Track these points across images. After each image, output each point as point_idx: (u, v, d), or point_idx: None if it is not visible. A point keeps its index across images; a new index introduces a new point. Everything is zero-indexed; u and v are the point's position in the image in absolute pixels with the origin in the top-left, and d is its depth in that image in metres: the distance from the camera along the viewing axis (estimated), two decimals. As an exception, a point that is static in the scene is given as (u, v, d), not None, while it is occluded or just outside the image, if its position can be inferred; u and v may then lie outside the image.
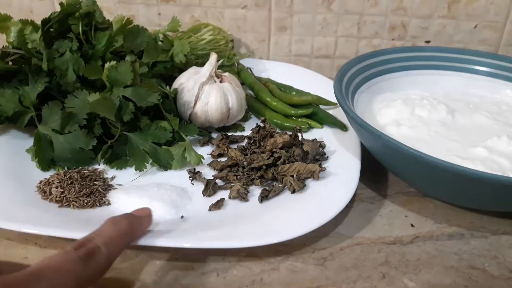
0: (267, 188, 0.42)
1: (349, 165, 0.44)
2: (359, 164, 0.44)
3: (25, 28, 0.49)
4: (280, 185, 0.42)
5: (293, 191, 0.41)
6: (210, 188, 0.42)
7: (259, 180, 0.43)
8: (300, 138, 0.47)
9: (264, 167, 0.44)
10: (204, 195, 0.42)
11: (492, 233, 0.40)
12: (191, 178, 0.44)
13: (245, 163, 0.45)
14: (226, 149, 0.47)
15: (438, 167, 0.34)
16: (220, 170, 0.45)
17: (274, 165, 0.44)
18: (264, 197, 0.41)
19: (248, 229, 0.37)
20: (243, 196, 0.41)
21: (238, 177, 0.44)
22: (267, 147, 0.45)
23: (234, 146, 0.49)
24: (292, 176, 0.42)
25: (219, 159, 0.47)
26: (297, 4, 0.65)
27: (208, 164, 0.46)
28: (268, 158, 0.44)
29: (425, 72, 0.56)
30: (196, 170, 0.45)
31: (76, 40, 0.49)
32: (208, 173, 0.45)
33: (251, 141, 0.48)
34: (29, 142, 0.46)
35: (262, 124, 0.49)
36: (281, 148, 0.45)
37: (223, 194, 0.42)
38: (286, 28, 0.68)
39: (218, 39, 0.63)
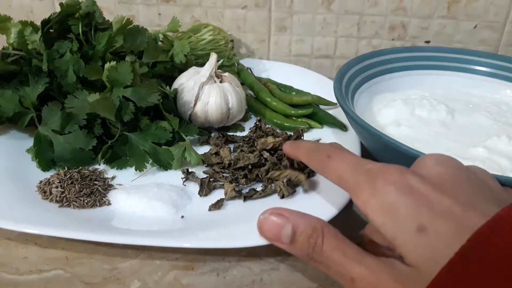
0: (255, 188, 0.42)
1: (349, 165, 0.44)
2: (359, 164, 0.44)
3: (25, 29, 0.49)
4: (272, 187, 0.42)
5: (282, 196, 0.40)
6: (205, 187, 0.42)
7: (244, 179, 0.43)
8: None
9: (249, 166, 0.43)
10: (200, 195, 0.42)
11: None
12: (183, 179, 0.44)
13: (232, 162, 0.45)
14: (221, 146, 0.47)
15: (438, 167, 0.34)
16: (210, 165, 0.45)
17: (259, 166, 0.43)
18: (247, 197, 0.41)
19: (248, 229, 0.37)
20: (239, 194, 0.41)
21: (224, 175, 0.44)
22: (258, 146, 0.45)
23: (232, 145, 0.49)
24: (283, 181, 0.41)
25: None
26: (297, 4, 0.65)
27: (202, 160, 0.46)
28: (255, 157, 0.43)
29: (425, 72, 0.56)
30: (189, 171, 0.44)
31: (76, 41, 0.49)
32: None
33: (246, 139, 0.48)
34: (29, 142, 0.46)
35: (259, 124, 0.49)
36: (272, 149, 0.44)
37: (221, 193, 0.42)
38: (286, 28, 0.68)
39: (218, 39, 0.63)
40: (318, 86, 0.58)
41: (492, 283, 0.18)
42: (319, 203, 0.39)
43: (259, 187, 0.43)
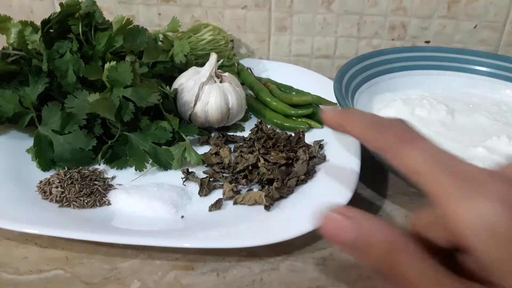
0: (253, 189, 0.42)
1: (349, 165, 0.44)
2: (359, 164, 0.44)
3: (25, 29, 0.49)
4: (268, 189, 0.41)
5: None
6: (205, 187, 0.42)
7: (244, 180, 0.43)
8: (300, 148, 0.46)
9: (250, 167, 0.43)
10: (200, 196, 0.42)
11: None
12: (183, 179, 0.44)
13: (232, 163, 0.45)
14: (221, 146, 0.47)
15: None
16: (210, 165, 0.45)
17: (259, 166, 0.43)
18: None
19: (248, 229, 0.37)
20: (237, 194, 0.41)
21: (224, 175, 0.44)
22: (260, 150, 0.45)
23: (233, 145, 0.49)
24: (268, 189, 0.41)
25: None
26: (297, 4, 0.65)
27: (202, 160, 0.46)
28: (254, 158, 0.43)
29: (425, 72, 0.56)
30: (189, 171, 0.44)
31: (76, 41, 0.49)
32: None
33: (247, 140, 0.48)
34: (29, 142, 0.46)
35: (260, 126, 0.49)
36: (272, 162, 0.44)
37: (221, 194, 0.42)
38: (286, 28, 0.68)
39: (218, 39, 0.63)
40: (318, 86, 0.58)
41: None
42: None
43: (257, 188, 0.43)
